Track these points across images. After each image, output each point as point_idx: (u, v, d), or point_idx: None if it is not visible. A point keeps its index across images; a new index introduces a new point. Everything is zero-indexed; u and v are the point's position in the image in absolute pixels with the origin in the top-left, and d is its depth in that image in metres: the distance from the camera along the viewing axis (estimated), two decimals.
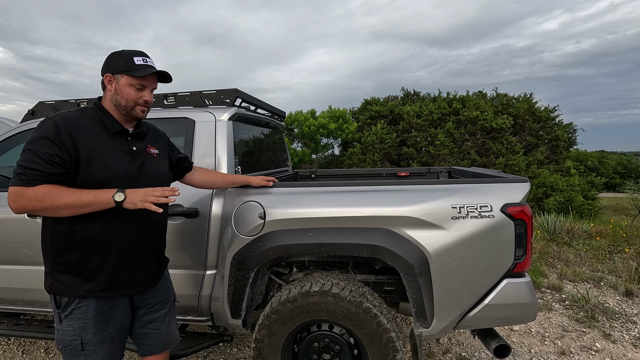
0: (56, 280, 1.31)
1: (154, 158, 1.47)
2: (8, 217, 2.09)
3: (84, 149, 1.25)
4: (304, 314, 1.74)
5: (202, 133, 2.03)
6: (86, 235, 1.29)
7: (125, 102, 1.34)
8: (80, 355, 1.33)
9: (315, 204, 1.78)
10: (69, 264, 1.30)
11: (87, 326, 1.32)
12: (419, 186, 1.75)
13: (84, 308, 1.31)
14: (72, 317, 1.31)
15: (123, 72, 1.32)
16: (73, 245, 1.29)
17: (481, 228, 1.65)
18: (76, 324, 1.31)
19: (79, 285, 1.30)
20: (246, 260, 1.80)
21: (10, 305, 2.24)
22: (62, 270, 1.31)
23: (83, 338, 1.31)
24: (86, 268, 1.31)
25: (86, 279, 1.31)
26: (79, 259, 1.30)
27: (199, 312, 1.97)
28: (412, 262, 1.65)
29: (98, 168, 1.27)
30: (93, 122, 1.33)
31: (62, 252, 1.30)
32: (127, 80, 1.33)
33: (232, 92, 2.15)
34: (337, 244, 1.72)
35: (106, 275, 1.33)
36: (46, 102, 2.43)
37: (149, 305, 1.49)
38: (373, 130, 10.54)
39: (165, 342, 1.55)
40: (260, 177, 1.88)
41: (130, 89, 1.33)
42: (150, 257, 1.45)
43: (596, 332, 2.73)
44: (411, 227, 1.67)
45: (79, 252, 1.30)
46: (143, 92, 1.36)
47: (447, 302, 1.67)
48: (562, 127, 10.86)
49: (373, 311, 1.67)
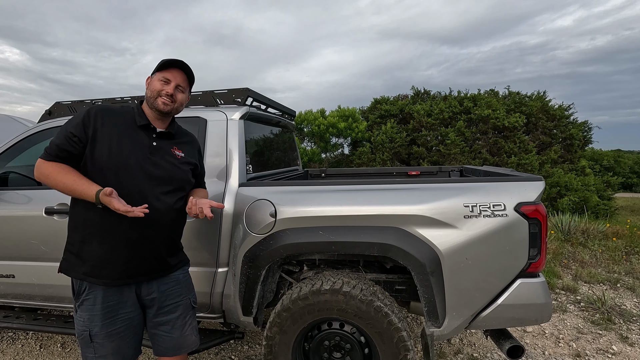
0: (64, 259, 1.42)
1: (177, 159, 1.49)
2: (26, 215, 2.15)
3: (100, 134, 1.37)
4: (314, 312, 1.74)
5: (214, 132, 2.05)
6: (87, 216, 1.38)
7: (150, 94, 1.45)
8: (90, 346, 1.39)
9: (326, 202, 1.78)
10: (74, 243, 1.40)
11: (94, 319, 1.37)
12: (430, 185, 1.74)
13: (91, 300, 1.37)
14: (83, 308, 1.39)
15: (156, 71, 1.48)
16: (79, 225, 1.39)
17: (494, 227, 1.63)
18: (86, 315, 1.38)
19: (79, 267, 1.38)
20: (257, 258, 1.81)
21: (28, 301, 2.30)
22: (69, 249, 1.41)
23: (91, 330, 1.38)
24: (84, 250, 1.38)
25: (84, 261, 1.38)
26: (81, 239, 1.39)
27: (210, 309, 1.99)
28: (424, 261, 1.64)
29: (102, 152, 1.35)
30: (125, 114, 1.46)
31: (72, 231, 1.41)
32: (156, 76, 1.47)
33: (244, 91, 2.17)
34: (348, 242, 1.72)
35: (96, 261, 1.37)
36: (63, 102, 2.49)
37: (158, 306, 1.48)
38: (383, 130, 10.48)
39: (178, 346, 1.53)
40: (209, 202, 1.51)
41: (157, 82, 1.45)
42: (148, 250, 1.42)
43: (613, 334, 2.67)
44: (423, 226, 1.66)
45: (83, 232, 1.38)
46: (167, 86, 1.45)
47: (459, 301, 1.66)
48: (576, 126, 10.61)
49: (384, 310, 1.67)
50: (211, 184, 1.96)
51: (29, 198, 2.24)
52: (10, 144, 2.36)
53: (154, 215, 1.38)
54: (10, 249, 2.21)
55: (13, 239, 2.19)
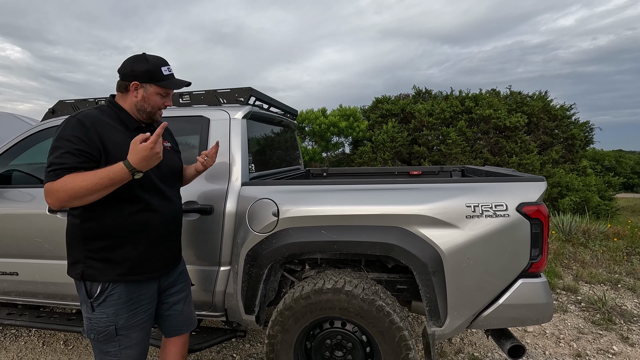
0: (88, 266, 1.36)
1: (168, 151, 1.54)
2: (30, 213, 2.16)
3: (109, 144, 1.31)
4: (316, 311, 1.75)
5: (216, 131, 2.06)
6: (117, 222, 1.36)
7: (151, 109, 1.43)
8: (114, 340, 1.40)
9: (329, 201, 1.78)
10: (100, 250, 1.36)
11: (119, 312, 1.38)
12: (433, 185, 1.74)
13: (116, 295, 1.37)
14: (105, 305, 1.37)
15: (152, 81, 1.40)
16: (105, 233, 1.35)
17: (496, 227, 1.63)
18: (110, 310, 1.38)
19: (110, 270, 1.37)
20: (260, 257, 1.82)
21: (31, 298, 2.31)
22: (94, 257, 1.36)
23: (117, 323, 1.38)
24: (116, 253, 1.37)
25: (117, 263, 1.37)
26: (110, 246, 1.36)
27: (213, 307, 2.00)
28: (426, 261, 1.64)
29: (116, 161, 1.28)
30: (112, 119, 1.40)
31: (94, 239, 1.36)
32: (156, 89, 1.41)
33: (246, 90, 2.17)
34: (350, 241, 1.73)
35: (134, 261, 1.39)
36: (66, 100, 2.50)
37: (172, 287, 1.59)
38: (384, 129, 10.48)
39: (189, 322, 1.67)
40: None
41: (157, 97, 1.42)
42: (172, 242, 1.55)
43: (613, 334, 2.67)
44: (425, 226, 1.67)
45: (111, 239, 1.36)
46: (166, 99, 1.47)
47: (460, 301, 1.66)
48: (578, 126, 10.60)
49: (386, 309, 1.68)
50: (213, 182, 1.97)
51: (32, 196, 2.25)
52: (13, 142, 2.37)
53: (174, 210, 1.52)
54: (14, 246, 2.22)
55: (16, 236, 2.20)
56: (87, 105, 2.42)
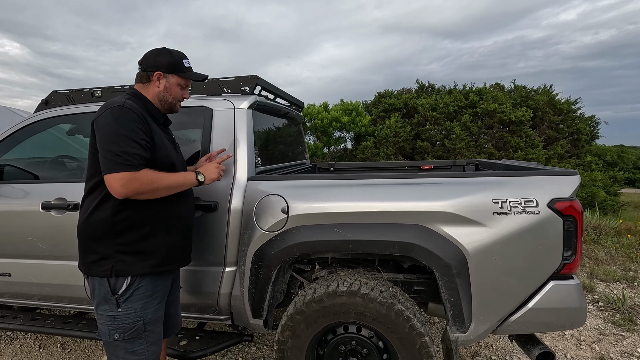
0: (119, 261, 1.32)
1: (176, 144, 1.62)
2: (22, 210, 2.04)
3: (155, 137, 1.37)
4: (330, 315, 1.62)
5: (220, 122, 1.92)
6: (151, 212, 1.36)
7: (172, 100, 1.48)
8: (141, 337, 1.35)
9: (343, 197, 1.65)
10: (133, 242, 1.35)
11: (147, 306, 1.36)
12: (456, 179, 1.61)
13: (143, 288, 1.35)
14: (133, 299, 1.33)
15: (175, 72, 1.45)
16: (139, 222, 1.35)
17: (526, 225, 1.51)
18: (137, 305, 1.34)
19: (142, 262, 1.35)
20: (268, 257, 1.69)
21: (26, 300, 2.19)
22: (125, 250, 1.34)
23: (145, 318, 1.35)
24: (148, 244, 1.36)
25: (148, 255, 1.36)
26: (143, 236, 1.35)
27: (217, 310, 1.88)
28: (449, 262, 1.52)
29: (162, 154, 1.39)
30: (144, 111, 1.40)
31: (127, 231, 1.34)
32: (177, 80, 1.46)
33: (252, 79, 2.03)
34: (366, 241, 1.60)
35: (166, 251, 1.41)
36: (60, 91, 2.35)
37: (171, 286, 1.56)
38: (387, 124, 10.31)
39: (176, 325, 1.66)
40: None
41: (177, 88, 1.48)
42: (192, 233, 1.60)
43: (636, 336, 2.56)
44: (448, 224, 1.54)
45: (143, 229, 1.35)
46: (184, 91, 1.53)
47: (486, 305, 1.54)
48: (583, 120, 10.45)
49: (405, 314, 1.55)
50: None
51: (25, 192, 2.12)
52: (4, 136, 2.24)
53: (193, 201, 1.62)
54: (6, 245, 2.09)
55: (8, 235, 2.07)
56: (82, 95, 2.28)
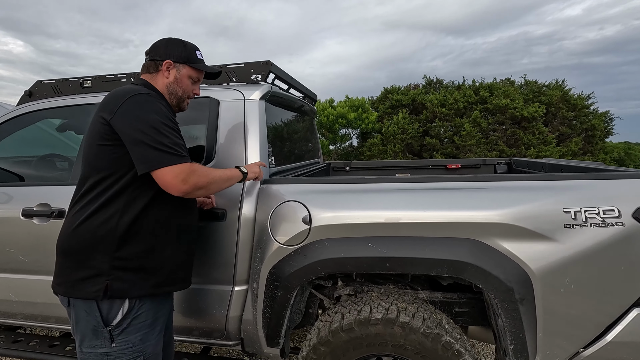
0: (115, 279, 1.11)
1: None
2: (1, 217, 1.77)
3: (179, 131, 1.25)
4: (362, 347, 1.35)
5: (228, 115, 1.64)
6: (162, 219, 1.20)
7: (182, 93, 1.33)
8: None
9: (377, 205, 1.37)
10: (133, 258, 1.14)
11: (147, 337, 1.17)
12: (516, 182, 1.33)
13: (143, 315, 1.15)
14: (131, 330, 1.13)
15: (187, 62, 1.31)
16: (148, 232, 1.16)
17: (606, 240, 1.22)
18: (136, 337, 1.14)
19: (143, 281, 1.15)
20: (286, 276, 1.42)
21: (7, 319, 1.93)
22: (125, 266, 1.13)
23: (145, 353, 1.16)
24: (155, 259, 1.18)
25: (151, 273, 1.17)
26: (149, 249, 1.17)
27: (225, 335, 1.61)
28: (511, 285, 1.24)
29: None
30: None
31: (131, 242, 1.14)
32: (188, 71, 1.32)
33: (265, 65, 1.75)
34: (408, 258, 1.32)
35: (171, 267, 1.23)
36: (45, 81, 2.08)
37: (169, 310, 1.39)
38: (394, 120, 10.02)
39: (169, 355, 1.44)
40: None
41: (188, 80, 1.33)
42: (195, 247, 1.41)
43: None
44: (509, 238, 1.26)
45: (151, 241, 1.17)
46: (195, 86, 1.37)
47: (555, 337, 1.26)
48: (597, 116, 10.13)
49: (455, 347, 1.28)
50: None
51: (8, 196, 1.85)
52: None
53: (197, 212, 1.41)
54: None
55: None
56: (70, 86, 2.00)
